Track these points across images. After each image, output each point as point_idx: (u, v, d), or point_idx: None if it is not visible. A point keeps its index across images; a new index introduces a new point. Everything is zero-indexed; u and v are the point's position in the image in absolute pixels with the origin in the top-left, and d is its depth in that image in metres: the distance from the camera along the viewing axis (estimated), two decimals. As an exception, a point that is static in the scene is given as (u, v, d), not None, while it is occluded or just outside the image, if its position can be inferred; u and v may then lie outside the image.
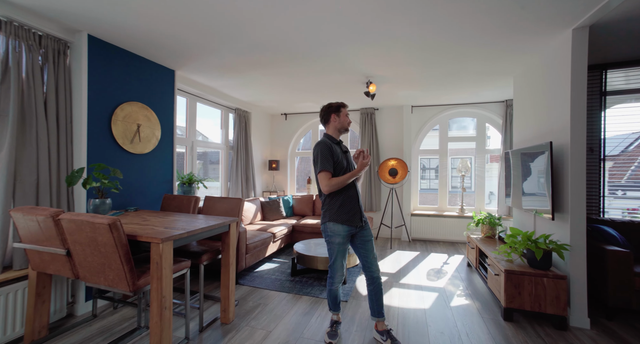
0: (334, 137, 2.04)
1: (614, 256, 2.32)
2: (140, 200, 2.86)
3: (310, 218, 4.62)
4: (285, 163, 5.91)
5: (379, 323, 2.01)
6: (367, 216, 4.66)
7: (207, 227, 1.89)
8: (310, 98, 4.65)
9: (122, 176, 2.28)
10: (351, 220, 1.91)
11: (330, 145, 1.95)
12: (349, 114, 2.10)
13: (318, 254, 3.07)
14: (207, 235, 1.95)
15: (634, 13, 2.08)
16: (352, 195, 1.94)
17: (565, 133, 2.29)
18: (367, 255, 1.98)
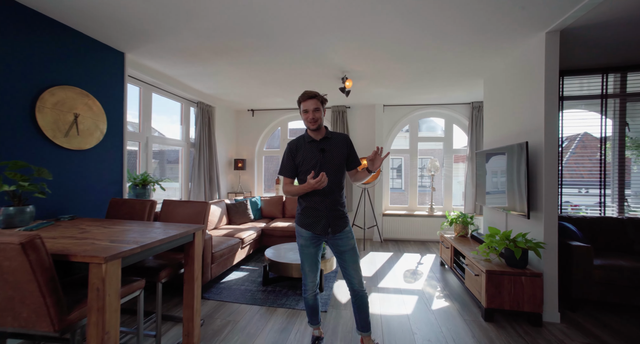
0: (310, 134, 1.79)
1: (578, 251, 2.43)
2: (79, 206, 2.37)
3: (281, 220, 4.35)
4: (252, 163, 5.55)
5: (364, 338, 1.84)
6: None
7: (166, 239, 1.56)
8: (280, 93, 4.38)
9: (51, 177, 1.82)
10: (312, 226, 1.75)
11: (295, 146, 1.80)
12: (312, 109, 1.69)
13: (292, 260, 2.84)
14: (167, 248, 1.61)
15: (595, 21, 2.17)
16: (317, 201, 1.72)
17: (539, 134, 2.35)
18: (345, 267, 1.78)
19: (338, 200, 1.76)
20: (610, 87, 3.25)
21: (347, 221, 1.80)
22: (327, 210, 1.73)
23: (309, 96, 1.70)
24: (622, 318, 2.37)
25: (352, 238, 1.79)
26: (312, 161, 1.74)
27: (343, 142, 1.81)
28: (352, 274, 1.77)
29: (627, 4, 1.98)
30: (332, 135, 1.80)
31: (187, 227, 1.83)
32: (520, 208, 2.43)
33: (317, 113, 1.70)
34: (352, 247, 1.77)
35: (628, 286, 2.43)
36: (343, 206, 1.79)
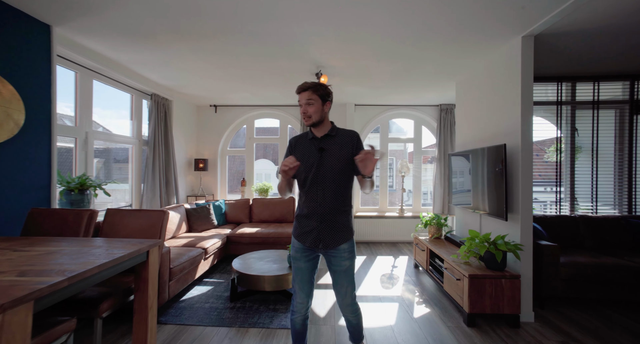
0: (312, 131, 1.58)
1: (547, 250, 2.52)
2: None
3: (248, 226, 4.01)
4: (214, 163, 5.09)
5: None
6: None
7: (109, 263, 1.21)
8: (247, 88, 4.03)
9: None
10: (302, 237, 1.54)
11: (295, 142, 1.62)
12: (302, 102, 1.50)
13: (264, 272, 2.55)
14: (110, 274, 1.26)
15: (560, 31, 2.25)
16: (310, 208, 1.51)
17: (515, 137, 2.38)
18: (336, 288, 1.57)
19: (336, 209, 1.50)
20: (564, 95, 3.49)
21: (346, 237, 1.52)
22: (320, 221, 1.49)
23: (302, 88, 1.49)
24: (582, 312, 2.50)
25: (347, 258, 1.52)
26: (310, 160, 1.51)
27: (348, 141, 1.54)
28: (338, 297, 1.57)
29: (586, 19, 2.06)
30: (337, 133, 1.56)
31: (139, 244, 1.47)
32: (497, 210, 2.44)
33: (311, 108, 1.48)
34: (345, 269, 1.52)
35: (586, 281, 2.57)
36: (344, 218, 1.52)
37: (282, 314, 2.40)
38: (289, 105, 4.98)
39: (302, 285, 1.56)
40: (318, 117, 1.50)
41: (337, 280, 1.55)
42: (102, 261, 1.20)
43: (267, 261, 2.83)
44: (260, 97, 4.52)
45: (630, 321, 2.36)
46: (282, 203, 4.32)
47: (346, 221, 1.53)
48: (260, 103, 4.92)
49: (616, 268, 2.56)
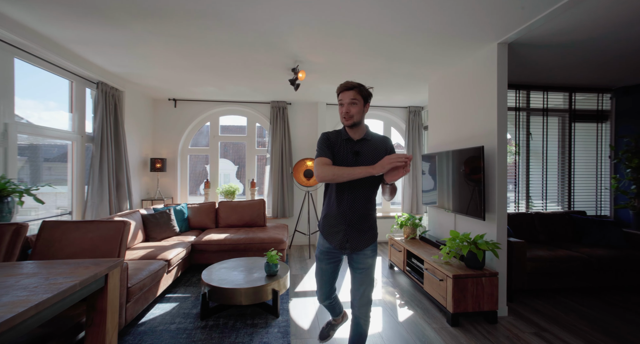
0: (347, 131, 1.53)
1: (517, 246, 2.69)
2: None
3: (215, 231, 3.67)
4: (174, 163, 4.60)
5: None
6: (281, 224, 4.13)
7: (52, 299, 0.91)
8: (213, 81, 3.69)
9: None
10: (330, 237, 1.55)
11: (330, 138, 1.54)
12: (346, 102, 1.46)
13: (240, 284, 2.31)
14: (52, 314, 0.96)
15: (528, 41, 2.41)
16: (340, 210, 1.50)
17: (491, 139, 2.48)
18: (353, 287, 1.58)
19: (365, 214, 1.51)
20: (520, 101, 3.80)
21: (371, 240, 1.54)
22: (348, 224, 1.50)
23: (347, 87, 1.45)
24: (543, 302, 2.71)
25: (370, 256, 1.54)
26: (344, 163, 1.49)
27: (382, 147, 1.52)
28: (355, 297, 1.57)
29: (544, 34, 2.22)
30: (371, 138, 1.54)
31: (95, 266, 1.17)
32: (475, 210, 2.52)
33: (354, 108, 1.45)
34: (367, 267, 1.54)
35: (546, 274, 2.80)
36: (371, 222, 1.54)
37: (262, 329, 2.19)
38: (258, 102, 4.70)
39: (322, 284, 1.66)
40: (359, 117, 1.48)
41: (357, 278, 1.55)
42: (41, 297, 0.90)
43: (242, 271, 2.59)
44: (227, 92, 4.18)
45: (581, 307, 2.62)
46: (252, 206, 4.04)
47: (373, 224, 1.55)
48: (226, 98, 4.57)
49: (568, 260, 2.83)
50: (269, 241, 3.38)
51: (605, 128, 4.03)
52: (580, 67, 3.10)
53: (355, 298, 1.56)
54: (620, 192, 3.63)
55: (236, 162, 16.23)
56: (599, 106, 3.99)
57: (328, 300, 1.74)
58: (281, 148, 4.56)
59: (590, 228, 3.35)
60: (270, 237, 3.43)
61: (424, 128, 5.00)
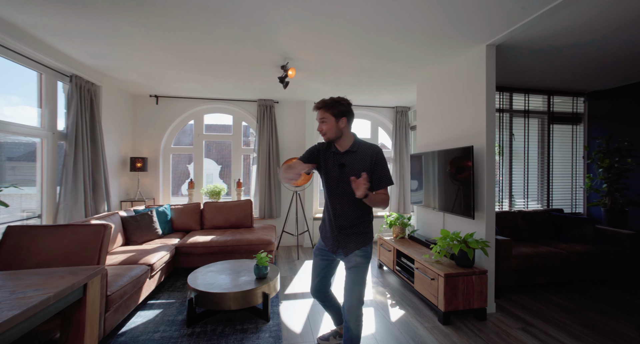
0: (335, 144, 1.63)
1: (504, 244, 2.75)
2: None
3: (200, 233, 3.53)
4: (155, 162, 4.39)
5: None
6: (268, 224, 4.05)
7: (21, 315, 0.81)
8: (197, 78, 3.54)
9: None
10: (325, 240, 1.71)
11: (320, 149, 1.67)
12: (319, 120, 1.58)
13: (229, 288, 2.22)
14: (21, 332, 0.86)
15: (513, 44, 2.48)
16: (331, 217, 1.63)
17: (480, 139, 2.52)
18: (344, 288, 1.62)
19: (354, 220, 1.59)
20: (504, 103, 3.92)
21: (363, 242, 1.59)
22: (338, 230, 1.60)
23: (316, 106, 1.57)
24: (527, 297, 2.79)
25: (359, 255, 1.57)
26: (331, 174, 1.60)
27: (368, 156, 1.57)
28: (345, 295, 1.59)
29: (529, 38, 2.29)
30: (358, 148, 1.59)
31: (72, 275, 1.07)
32: (464, 209, 2.56)
33: (324, 126, 1.56)
34: (355, 265, 1.57)
35: (530, 269, 2.90)
36: (362, 227, 1.60)
37: (252, 334, 2.11)
38: (245, 100, 4.59)
39: (313, 276, 1.78)
40: (332, 133, 1.56)
41: (346, 276, 1.61)
42: (5, 315, 0.79)
43: (229, 274, 2.49)
44: (212, 89, 4.04)
45: (562, 301, 2.72)
46: (239, 206, 3.93)
47: (364, 229, 1.60)
48: (211, 96, 4.42)
49: (550, 256, 2.94)
50: (257, 243, 3.29)
51: (579, 130, 4.23)
52: (557, 71, 3.23)
53: (344, 298, 1.58)
54: (593, 190, 3.82)
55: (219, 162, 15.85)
56: (574, 109, 4.19)
57: (318, 295, 1.81)
58: (268, 148, 4.46)
59: (568, 225, 3.50)
60: (258, 238, 3.34)
61: (411, 128, 5.06)
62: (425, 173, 3.21)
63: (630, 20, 2.14)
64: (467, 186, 2.52)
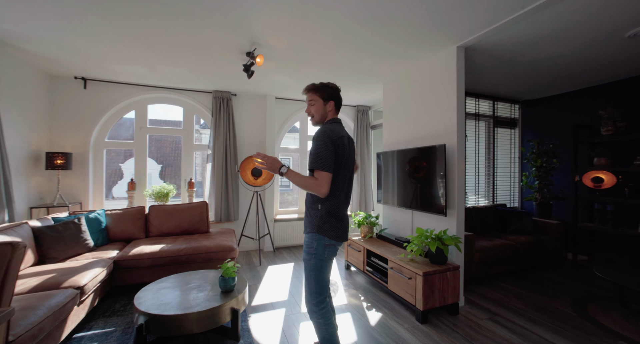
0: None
1: (468, 239, 2.89)
2: None
3: (145, 242, 2.99)
4: (83, 159, 3.64)
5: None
6: (226, 229, 3.67)
7: None
8: (144, 59, 3.00)
9: None
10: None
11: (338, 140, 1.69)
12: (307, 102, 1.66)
13: (190, 307, 1.85)
14: None
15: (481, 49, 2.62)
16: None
17: (451, 138, 2.59)
18: None
19: (306, 202, 1.63)
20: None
21: (307, 228, 1.57)
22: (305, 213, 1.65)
23: (306, 89, 1.62)
24: (487, 287, 2.98)
25: (305, 250, 1.57)
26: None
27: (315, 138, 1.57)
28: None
29: (488, 45, 2.45)
30: (316, 131, 1.59)
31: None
32: (436, 207, 2.60)
33: (311, 108, 1.62)
34: (303, 260, 1.58)
35: (489, 262, 3.10)
36: (309, 212, 1.58)
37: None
38: (199, 90, 4.09)
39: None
40: (319, 116, 1.60)
41: None
42: None
43: (188, 290, 2.12)
44: (160, 75, 3.49)
45: (513, 288, 2.97)
46: (193, 209, 3.46)
47: (309, 215, 1.58)
48: (158, 84, 3.83)
49: (503, 247, 3.19)
50: (217, 250, 2.92)
51: (516, 133, 4.76)
52: (503, 79, 3.55)
53: None
54: (528, 187, 4.32)
55: (160, 161, 14.24)
56: (512, 114, 4.69)
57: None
58: (225, 144, 4.05)
59: (511, 218, 3.87)
60: (217, 245, 2.96)
61: (371, 127, 5.12)
62: (394, 171, 3.21)
63: (562, 37, 2.40)
64: (440, 184, 2.56)
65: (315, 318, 1.55)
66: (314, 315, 1.55)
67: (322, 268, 1.53)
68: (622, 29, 2.31)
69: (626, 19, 2.17)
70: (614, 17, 2.14)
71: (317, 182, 1.43)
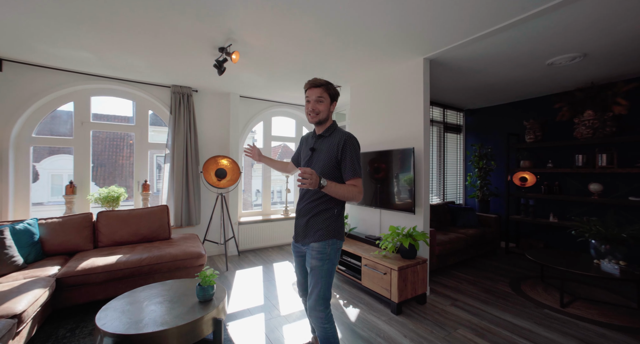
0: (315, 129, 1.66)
1: (431, 234, 3.16)
2: None
3: (95, 254, 2.61)
4: (0, 158, 3.03)
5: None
6: (190, 234, 3.43)
7: None
8: (92, 43, 2.62)
9: None
10: (294, 228, 1.67)
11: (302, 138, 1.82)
12: (314, 99, 1.53)
13: (167, 322, 1.70)
14: None
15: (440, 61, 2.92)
16: (299, 202, 1.64)
17: (418, 141, 2.82)
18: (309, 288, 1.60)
19: (313, 211, 1.54)
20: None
21: (316, 237, 1.51)
22: (299, 217, 1.61)
23: (315, 84, 1.52)
24: (444, 277, 3.31)
25: (315, 257, 1.51)
26: (305, 158, 1.65)
27: (335, 143, 1.52)
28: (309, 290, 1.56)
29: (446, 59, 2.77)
30: (331, 134, 1.58)
31: None
32: (406, 205, 2.80)
33: (319, 105, 1.53)
34: (311, 267, 1.52)
35: (446, 254, 3.44)
36: (318, 218, 1.53)
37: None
38: (155, 84, 3.73)
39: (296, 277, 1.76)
40: (325, 115, 1.55)
41: (309, 271, 1.55)
42: None
43: (161, 303, 1.93)
44: (109, 63, 3.08)
45: (465, 275, 3.36)
46: (151, 214, 3.14)
47: (320, 221, 1.52)
48: (106, 73, 3.38)
49: (457, 240, 3.58)
50: (184, 257, 2.70)
51: (461, 138, 5.36)
52: (454, 89, 3.97)
53: (308, 300, 1.55)
54: (472, 186, 4.91)
55: (93, 160, 12.48)
56: (458, 121, 5.28)
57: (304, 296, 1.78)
58: (186, 144, 3.77)
59: (460, 214, 4.36)
60: (184, 252, 2.75)
61: (336, 129, 5.25)
62: (364, 172, 3.36)
63: (500, 59, 2.82)
64: (409, 184, 2.77)
65: (321, 323, 1.50)
66: (320, 321, 1.50)
67: (332, 273, 1.53)
68: (543, 57, 2.81)
69: (546, 51, 2.65)
70: (538, 49, 2.61)
71: (359, 189, 1.44)
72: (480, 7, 1.97)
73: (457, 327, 2.23)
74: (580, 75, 3.30)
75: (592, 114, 3.40)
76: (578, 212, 3.77)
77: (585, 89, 3.51)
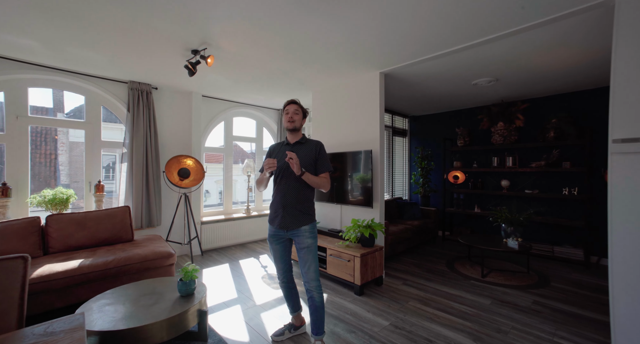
0: (287, 138, 2.03)
1: (386, 225, 3.63)
2: None
3: (49, 260, 2.41)
4: None
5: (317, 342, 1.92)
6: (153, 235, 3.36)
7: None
8: (45, 34, 2.43)
9: None
10: (272, 221, 1.96)
11: (273, 149, 2.09)
12: (291, 111, 1.95)
13: (155, 316, 1.76)
14: None
15: (396, 75, 3.40)
16: (278, 197, 1.93)
17: (375, 144, 3.24)
18: (300, 265, 1.92)
19: (297, 201, 1.89)
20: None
21: (305, 221, 1.89)
22: (283, 209, 1.89)
23: (294, 101, 1.98)
24: (395, 262, 3.83)
25: (309, 237, 1.88)
26: (281, 162, 1.90)
27: (313, 147, 1.97)
28: (304, 273, 1.91)
29: (399, 74, 3.27)
30: (306, 141, 2.00)
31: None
32: (365, 200, 3.20)
33: (296, 116, 1.95)
34: (306, 246, 1.87)
35: (396, 242, 3.97)
36: (304, 206, 1.90)
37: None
38: (109, 78, 3.51)
39: (276, 262, 2.04)
40: (299, 124, 1.98)
41: (301, 257, 1.89)
42: None
43: (140, 301, 1.96)
44: (55, 53, 2.83)
45: (411, 260, 3.93)
46: (112, 216, 2.99)
47: (306, 209, 1.91)
48: (48, 63, 3.09)
49: (405, 230, 4.14)
50: (154, 257, 2.68)
51: (406, 141, 6.08)
52: (399, 98, 4.55)
53: (303, 274, 1.90)
54: (416, 183, 5.63)
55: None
56: (404, 126, 5.97)
57: (285, 280, 2.07)
58: (145, 143, 3.63)
59: (406, 208, 4.99)
60: (153, 252, 2.72)
61: (296, 131, 5.49)
62: (327, 172, 3.68)
63: (438, 76, 3.43)
64: (367, 182, 3.17)
65: (319, 291, 1.90)
66: (319, 289, 1.90)
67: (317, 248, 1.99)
68: (469, 78, 3.48)
69: (471, 74, 3.33)
70: (465, 72, 3.27)
71: (328, 180, 1.94)
72: (421, 38, 2.44)
73: (409, 300, 2.70)
74: (495, 94, 4.13)
75: (502, 125, 4.29)
76: (494, 203, 4.68)
77: (498, 105, 4.40)
